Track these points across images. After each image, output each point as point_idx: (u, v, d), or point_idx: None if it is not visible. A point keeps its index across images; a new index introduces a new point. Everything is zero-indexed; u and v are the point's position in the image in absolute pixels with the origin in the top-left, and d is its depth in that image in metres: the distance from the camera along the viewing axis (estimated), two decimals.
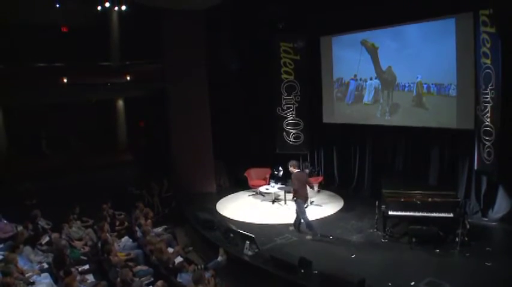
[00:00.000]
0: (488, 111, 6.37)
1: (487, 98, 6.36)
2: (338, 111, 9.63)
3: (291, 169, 7.32)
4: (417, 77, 7.94)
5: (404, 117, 8.29)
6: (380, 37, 8.50)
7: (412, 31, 7.94)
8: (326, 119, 9.92)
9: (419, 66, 7.88)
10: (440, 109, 7.67)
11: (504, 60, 5.90)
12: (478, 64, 6.65)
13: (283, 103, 10.20)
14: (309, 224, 7.05)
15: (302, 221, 7.18)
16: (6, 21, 11.82)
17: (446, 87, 7.54)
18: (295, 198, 7.17)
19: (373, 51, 8.66)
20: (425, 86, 7.84)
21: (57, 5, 10.30)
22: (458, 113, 7.37)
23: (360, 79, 9.05)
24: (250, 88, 10.63)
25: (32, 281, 5.66)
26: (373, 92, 8.83)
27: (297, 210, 7.20)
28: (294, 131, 10.25)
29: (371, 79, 8.82)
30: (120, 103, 15.04)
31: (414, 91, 8.02)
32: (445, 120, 7.60)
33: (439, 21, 7.41)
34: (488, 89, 6.30)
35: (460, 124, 7.34)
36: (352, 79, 9.21)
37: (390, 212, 6.48)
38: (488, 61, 6.27)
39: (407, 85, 8.16)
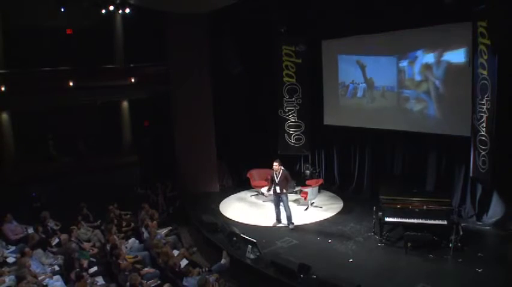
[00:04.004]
0: (483, 121, 6.53)
1: (482, 108, 6.52)
2: (339, 107, 9.83)
3: (279, 166, 7.91)
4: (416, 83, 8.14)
5: (403, 122, 8.48)
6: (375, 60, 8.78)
7: (413, 38, 8.07)
8: (327, 121, 10.11)
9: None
10: (439, 115, 7.86)
11: (499, 73, 6.04)
12: (475, 74, 6.79)
13: (285, 105, 10.37)
14: (291, 216, 7.88)
15: (287, 213, 7.87)
16: (11, 26, 11.99)
17: (445, 94, 7.73)
18: (284, 191, 7.86)
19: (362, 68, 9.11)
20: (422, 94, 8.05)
21: (62, 9, 10.40)
22: (456, 120, 7.55)
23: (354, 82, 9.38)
24: (252, 90, 10.80)
25: (44, 284, 5.96)
26: (362, 91, 9.25)
27: (284, 203, 7.89)
28: (295, 133, 10.44)
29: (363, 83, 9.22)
30: (125, 105, 15.26)
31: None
32: (443, 127, 7.79)
33: (438, 29, 7.53)
34: (484, 100, 6.45)
35: (458, 131, 7.51)
36: (350, 83, 9.46)
37: (387, 219, 6.72)
38: (485, 72, 6.40)
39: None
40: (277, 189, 7.86)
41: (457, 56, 7.37)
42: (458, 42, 7.28)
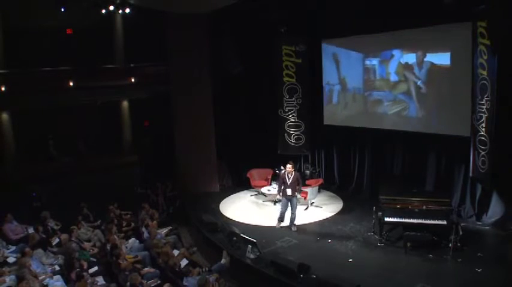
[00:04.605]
0: (483, 121, 6.54)
1: (482, 108, 6.53)
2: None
3: (293, 168, 7.77)
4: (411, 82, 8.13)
5: (403, 122, 8.49)
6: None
7: (412, 37, 8.07)
8: (327, 121, 10.12)
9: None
10: (438, 116, 7.87)
11: (499, 73, 6.05)
12: (474, 74, 6.80)
13: (285, 105, 10.37)
14: (294, 220, 7.80)
15: (292, 215, 7.77)
16: (11, 26, 12.00)
17: (444, 94, 7.74)
18: (296, 194, 7.73)
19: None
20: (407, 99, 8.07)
21: (62, 9, 10.43)
22: (455, 120, 7.56)
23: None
24: (252, 90, 10.81)
25: (45, 284, 5.96)
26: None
27: (293, 206, 7.74)
28: (295, 133, 10.45)
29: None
30: (125, 105, 15.30)
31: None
32: (442, 127, 7.80)
33: (439, 29, 7.54)
34: (484, 100, 6.46)
35: (457, 131, 7.53)
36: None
37: (386, 219, 6.74)
38: (485, 73, 6.41)
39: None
40: (289, 191, 7.66)
41: (456, 55, 7.37)
42: (458, 41, 7.28)
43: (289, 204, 7.78)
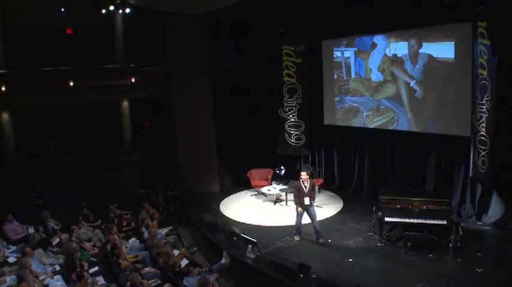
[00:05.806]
0: (483, 121, 6.54)
1: (482, 108, 6.53)
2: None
3: (307, 175, 7.26)
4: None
5: (403, 122, 8.49)
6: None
7: (412, 37, 8.07)
8: (327, 121, 10.13)
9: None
10: (439, 115, 7.87)
11: (499, 73, 6.05)
12: (474, 74, 6.80)
13: (285, 105, 10.39)
14: (319, 228, 7.26)
15: (316, 226, 7.21)
16: (11, 26, 12.00)
17: (444, 94, 7.74)
18: (313, 203, 7.31)
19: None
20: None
21: (62, 9, 10.43)
22: (456, 120, 7.56)
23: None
24: (253, 90, 10.82)
25: (45, 284, 5.98)
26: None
27: (312, 215, 7.21)
28: (295, 133, 10.47)
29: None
30: (125, 104, 15.31)
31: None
32: (443, 127, 7.81)
33: (438, 29, 7.54)
34: (484, 100, 6.47)
35: (458, 131, 7.53)
36: None
37: (386, 219, 6.74)
38: (485, 73, 6.42)
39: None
40: (306, 200, 7.14)
41: (456, 55, 7.33)
42: (458, 41, 7.26)
43: (308, 214, 7.18)
